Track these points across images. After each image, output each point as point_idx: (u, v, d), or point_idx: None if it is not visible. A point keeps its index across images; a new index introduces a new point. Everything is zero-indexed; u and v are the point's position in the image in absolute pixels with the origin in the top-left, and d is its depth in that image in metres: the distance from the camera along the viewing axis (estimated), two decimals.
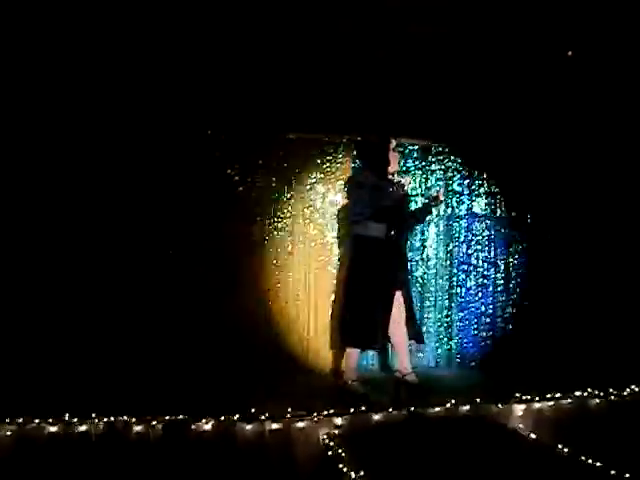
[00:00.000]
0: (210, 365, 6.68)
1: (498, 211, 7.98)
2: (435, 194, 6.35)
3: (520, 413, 5.68)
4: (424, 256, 7.68)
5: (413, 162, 7.63)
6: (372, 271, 5.86)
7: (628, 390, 6.17)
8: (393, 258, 5.99)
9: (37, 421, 4.67)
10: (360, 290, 5.89)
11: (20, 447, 4.58)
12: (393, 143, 6.12)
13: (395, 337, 6.03)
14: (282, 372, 6.90)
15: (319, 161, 7.38)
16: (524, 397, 5.77)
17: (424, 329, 7.27)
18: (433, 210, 6.61)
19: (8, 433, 4.59)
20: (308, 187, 7.35)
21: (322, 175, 7.39)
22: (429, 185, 7.58)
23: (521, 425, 5.63)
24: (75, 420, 4.71)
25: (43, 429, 4.66)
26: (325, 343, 7.22)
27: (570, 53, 6.57)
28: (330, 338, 7.24)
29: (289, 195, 7.27)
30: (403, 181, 6.23)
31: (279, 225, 7.22)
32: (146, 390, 5.87)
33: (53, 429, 4.67)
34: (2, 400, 5.06)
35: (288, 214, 7.26)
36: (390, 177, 6.14)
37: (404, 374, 6.06)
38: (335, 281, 7.24)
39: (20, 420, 4.66)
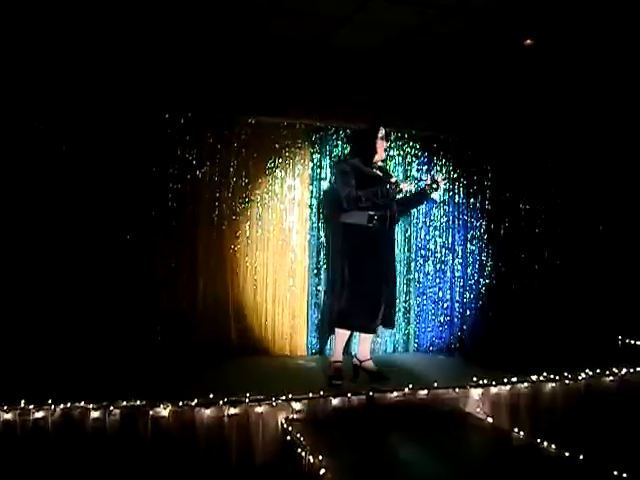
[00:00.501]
0: (168, 350, 6.68)
1: (457, 197, 8.04)
2: (434, 179, 6.18)
3: (477, 397, 5.73)
4: None
5: None
6: (364, 257, 5.84)
7: (583, 375, 6.26)
8: (381, 245, 5.98)
9: None
10: (354, 276, 5.86)
11: None
12: (382, 132, 6.05)
13: None
14: (242, 356, 6.91)
15: (278, 146, 7.35)
16: (481, 382, 5.82)
17: None
18: (429, 196, 6.34)
19: None
20: (267, 172, 7.31)
21: (281, 160, 7.36)
22: (391, 170, 7.57)
23: (478, 409, 5.69)
24: (31, 407, 4.63)
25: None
26: (284, 327, 7.26)
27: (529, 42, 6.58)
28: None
29: (247, 180, 7.23)
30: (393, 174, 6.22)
31: (237, 210, 7.17)
32: (102, 376, 5.83)
33: (8, 416, 4.60)
34: None
35: (246, 199, 7.22)
36: (378, 165, 6.13)
37: (363, 360, 6.07)
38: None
39: None
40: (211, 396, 4.95)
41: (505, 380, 5.92)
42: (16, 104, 6.43)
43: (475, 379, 5.83)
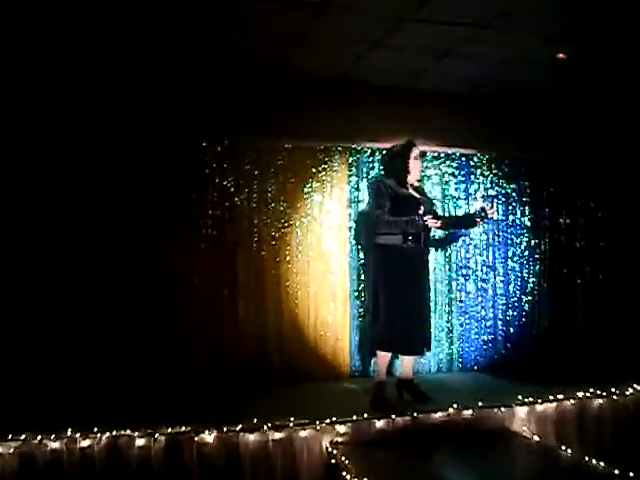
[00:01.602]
0: (210, 375, 6.73)
1: (496, 215, 7.99)
2: (485, 208, 6.12)
3: (523, 416, 5.68)
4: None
5: None
6: (399, 278, 5.83)
7: (630, 390, 6.17)
8: (416, 265, 5.97)
9: (39, 438, 4.66)
10: (390, 297, 5.86)
11: (23, 465, 4.58)
12: (415, 152, 6.05)
13: None
14: (285, 380, 6.92)
15: (315, 169, 7.39)
16: (526, 400, 5.76)
17: None
18: (477, 223, 6.30)
19: (11, 450, 4.58)
20: (305, 196, 7.34)
21: (318, 183, 7.40)
22: (431, 189, 7.56)
23: (524, 428, 5.63)
24: (78, 435, 4.70)
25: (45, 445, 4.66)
26: (326, 350, 7.28)
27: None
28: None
29: (286, 204, 7.27)
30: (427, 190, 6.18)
31: (276, 235, 7.21)
32: (146, 403, 5.90)
33: (55, 445, 4.67)
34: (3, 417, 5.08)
35: (286, 224, 7.26)
36: (413, 185, 6.12)
37: (406, 381, 6.04)
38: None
39: (22, 437, 4.64)
40: (255, 421, 4.98)
41: (551, 397, 5.86)
42: (54, 129, 6.57)
43: (520, 397, 5.79)
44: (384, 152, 6.75)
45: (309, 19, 5.67)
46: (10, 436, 4.65)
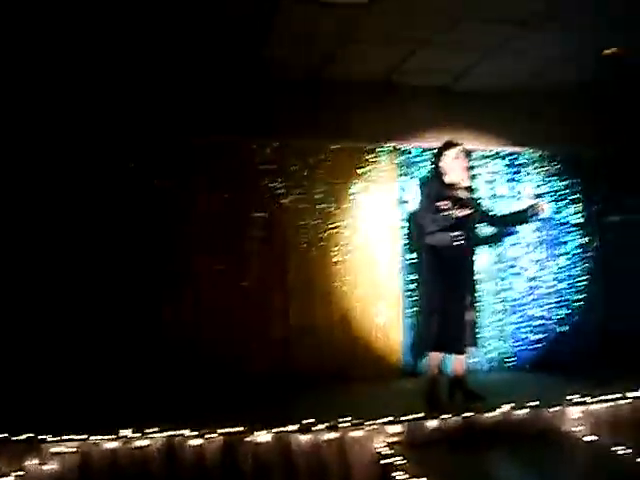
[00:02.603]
0: (262, 376, 6.80)
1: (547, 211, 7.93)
2: (538, 206, 6.10)
3: (577, 416, 5.62)
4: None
5: None
6: (448, 278, 5.83)
7: None
8: (464, 265, 5.95)
9: (97, 437, 4.74)
10: (440, 297, 5.85)
11: (82, 464, 4.66)
12: (454, 152, 5.95)
13: None
14: (336, 380, 6.95)
15: (362, 170, 7.41)
16: (580, 399, 5.71)
17: None
18: (529, 219, 6.27)
19: (71, 450, 4.66)
20: (353, 196, 7.37)
21: (367, 184, 7.41)
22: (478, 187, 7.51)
23: (578, 428, 5.57)
24: (134, 435, 4.77)
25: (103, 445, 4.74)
26: (378, 349, 7.29)
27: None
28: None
29: (335, 205, 7.31)
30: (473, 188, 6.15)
31: (326, 235, 7.25)
32: (199, 403, 5.98)
33: (112, 445, 4.75)
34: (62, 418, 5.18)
35: (335, 224, 7.29)
36: (461, 185, 6.03)
37: (459, 380, 6.02)
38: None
39: (82, 437, 4.73)
40: (308, 422, 4.99)
41: (605, 397, 5.78)
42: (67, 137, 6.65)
43: (574, 397, 5.72)
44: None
45: (355, 20, 5.70)
46: (69, 436, 4.73)
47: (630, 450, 5.02)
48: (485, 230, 6.80)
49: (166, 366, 6.55)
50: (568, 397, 5.72)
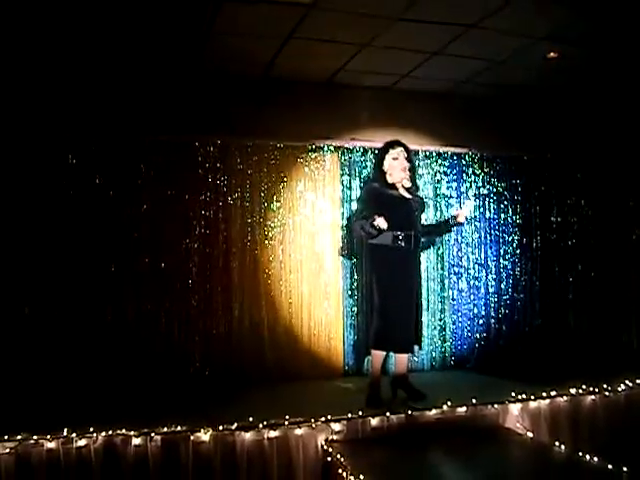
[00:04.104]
0: (205, 375, 6.78)
1: (487, 213, 8.04)
2: (455, 213, 6.32)
3: (516, 413, 5.71)
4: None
5: None
6: (391, 277, 5.85)
7: (622, 386, 6.20)
8: (408, 264, 5.99)
9: (35, 437, 4.66)
10: (383, 296, 5.87)
11: (20, 465, 4.57)
12: (394, 152, 6.01)
13: None
14: (279, 379, 6.94)
15: (307, 169, 7.42)
16: (520, 396, 5.79)
17: None
18: (452, 229, 6.60)
19: (7, 451, 4.57)
20: (297, 195, 7.37)
21: (311, 183, 7.42)
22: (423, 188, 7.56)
23: (518, 425, 5.66)
24: (74, 435, 4.70)
25: (42, 445, 4.65)
26: (320, 349, 7.30)
27: None
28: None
29: (279, 204, 7.29)
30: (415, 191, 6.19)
31: (269, 234, 7.23)
32: (140, 402, 5.93)
33: (51, 445, 4.67)
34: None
35: (279, 223, 7.27)
36: (404, 185, 6.07)
37: (400, 379, 6.06)
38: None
39: (19, 437, 4.64)
40: (250, 420, 4.98)
41: (544, 394, 5.88)
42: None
43: (514, 394, 5.81)
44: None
45: (299, 19, 5.71)
46: (6, 436, 4.63)
47: (567, 446, 5.13)
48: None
49: (108, 365, 6.44)
50: (508, 395, 5.80)
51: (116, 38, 6.05)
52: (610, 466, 4.58)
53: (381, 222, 5.58)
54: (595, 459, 4.74)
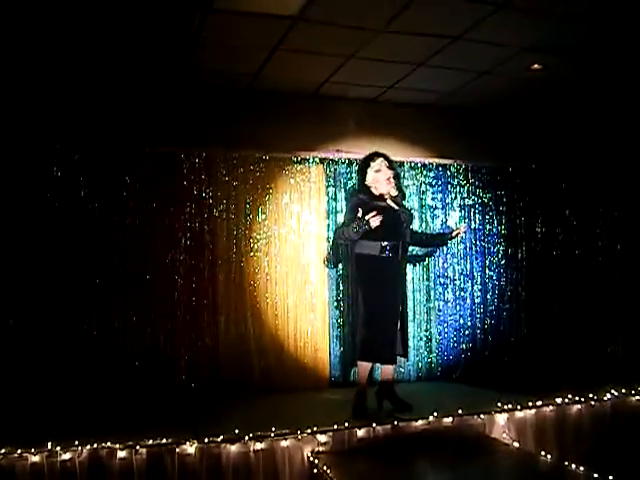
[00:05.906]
0: (191, 388, 6.75)
1: (473, 224, 8.06)
2: (456, 230, 6.45)
3: (502, 423, 5.71)
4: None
5: None
6: (378, 288, 5.85)
7: (608, 395, 6.23)
8: (394, 275, 5.99)
9: (19, 451, 4.62)
10: (370, 307, 5.86)
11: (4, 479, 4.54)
12: (377, 164, 6.03)
13: None
14: (266, 391, 6.93)
15: (293, 181, 7.42)
16: (506, 407, 5.80)
17: None
18: (448, 242, 6.78)
19: None
20: (283, 207, 7.36)
21: (297, 194, 7.42)
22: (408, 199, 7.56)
23: (504, 434, 5.66)
24: (58, 449, 4.66)
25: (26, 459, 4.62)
26: (307, 360, 7.29)
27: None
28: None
29: (264, 216, 7.28)
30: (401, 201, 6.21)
31: (255, 246, 7.22)
32: (127, 415, 5.89)
33: (36, 459, 4.63)
34: None
35: (264, 235, 7.26)
36: (390, 196, 6.07)
37: (386, 390, 6.05)
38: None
39: (2, 450, 4.61)
40: (236, 432, 4.97)
41: (530, 404, 5.90)
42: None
43: (500, 404, 5.81)
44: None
45: (283, 31, 5.73)
46: None
47: (553, 455, 5.14)
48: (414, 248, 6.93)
49: (93, 377, 6.41)
50: (494, 405, 5.81)
51: (102, 49, 6.05)
52: (596, 475, 4.60)
53: (375, 218, 5.62)
54: (581, 468, 4.75)
